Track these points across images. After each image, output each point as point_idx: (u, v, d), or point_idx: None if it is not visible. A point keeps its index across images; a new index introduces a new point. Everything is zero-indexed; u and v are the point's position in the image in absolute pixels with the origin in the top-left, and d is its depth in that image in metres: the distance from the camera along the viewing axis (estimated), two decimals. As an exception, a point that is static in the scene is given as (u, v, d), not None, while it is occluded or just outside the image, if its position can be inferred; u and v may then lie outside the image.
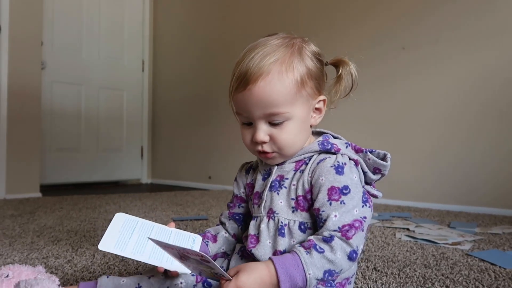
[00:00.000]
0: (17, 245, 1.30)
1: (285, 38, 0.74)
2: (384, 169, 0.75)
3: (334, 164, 0.71)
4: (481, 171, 2.19)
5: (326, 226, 0.68)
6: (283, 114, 0.70)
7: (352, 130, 2.58)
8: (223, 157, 3.40)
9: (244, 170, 0.87)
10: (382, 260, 1.15)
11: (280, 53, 0.70)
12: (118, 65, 3.83)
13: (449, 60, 2.30)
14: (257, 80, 0.68)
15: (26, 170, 2.73)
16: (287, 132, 0.72)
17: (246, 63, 0.70)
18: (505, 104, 2.12)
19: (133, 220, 0.78)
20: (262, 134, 0.72)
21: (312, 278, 0.64)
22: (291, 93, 0.70)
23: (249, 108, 0.71)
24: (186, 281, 0.76)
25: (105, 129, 3.72)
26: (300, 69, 0.71)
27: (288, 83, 0.70)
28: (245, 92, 0.70)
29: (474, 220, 1.87)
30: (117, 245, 0.73)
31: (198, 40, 3.72)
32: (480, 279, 0.98)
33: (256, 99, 0.69)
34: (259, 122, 0.72)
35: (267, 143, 0.73)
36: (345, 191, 0.69)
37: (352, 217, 0.68)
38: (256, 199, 0.79)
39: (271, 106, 0.69)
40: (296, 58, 0.71)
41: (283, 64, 0.70)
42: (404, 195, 2.42)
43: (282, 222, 0.73)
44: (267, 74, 0.69)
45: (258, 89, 0.69)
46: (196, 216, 1.91)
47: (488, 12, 2.18)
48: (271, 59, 0.69)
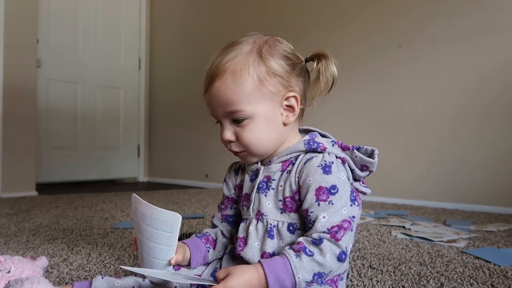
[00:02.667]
0: (13, 244, 1.29)
1: (249, 38, 0.76)
2: (372, 166, 0.74)
3: (321, 163, 0.71)
4: (477, 169, 2.20)
5: (315, 228, 0.67)
6: (242, 112, 0.71)
7: (348, 128, 2.59)
8: (220, 155, 3.40)
9: (233, 171, 0.87)
10: (377, 258, 1.15)
11: (238, 52, 0.73)
12: (114, 63, 3.82)
13: (445, 58, 2.31)
14: (214, 80, 0.72)
15: (22, 169, 2.72)
16: (250, 131, 0.73)
17: (208, 66, 0.74)
18: (501, 103, 2.13)
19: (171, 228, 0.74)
20: (228, 134, 0.74)
21: (302, 281, 0.64)
22: (247, 91, 0.71)
23: (212, 107, 0.75)
24: (180, 285, 0.76)
25: (101, 127, 3.71)
26: (256, 67, 0.72)
27: (242, 82, 0.71)
28: (207, 93, 0.74)
29: (470, 218, 1.88)
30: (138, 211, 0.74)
31: (194, 38, 3.72)
32: (474, 276, 0.99)
33: (214, 99, 0.73)
34: (225, 122, 0.74)
35: (234, 143, 0.75)
36: (333, 191, 0.69)
37: (341, 217, 0.68)
38: (245, 201, 0.79)
39: (228, 104, 0.72)
40: (252, 57, 0.72)
41: (238, 63, 0.72)
42: (400, 193, 2.42)
43: (271, 224, 0.73)
44: (222, 74, 0.71)
45: (215, 88, 0.72)
46: (192, 215, 1.91)
47: (485, 9, 2.19)
48: (228, 58, 0.72)
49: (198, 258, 0.80)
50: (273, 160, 0.77)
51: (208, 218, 1.83)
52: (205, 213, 1.98)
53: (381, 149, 0.78)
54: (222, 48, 0.76)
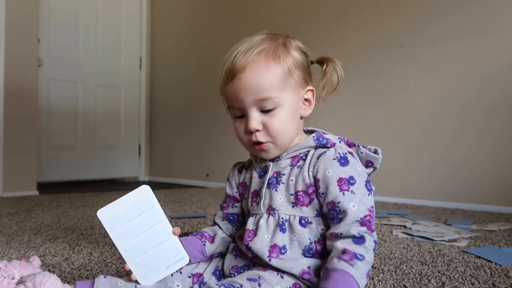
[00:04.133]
0: (14, 243, 1.29)
1: (269, 34, 0.77)
2: (376, 162, 0.77)
3: (336, 156, 0.73)
4: (478, 169, 2.20)
5: (349, 218, 0.68)
6: (273, 99, 0.72)
7: (349, 127, 2.59)
8: (221, 154, 3.40)
9: (236, 170, 0.88)
10: (379, 257, 1.15)
11: (265, 45, 0.73)
12: (115, 63, 3.82)
13: (447, 57, 2.31)
14: (244, 68, 0.71)
15: (23, 168, 2.72)
16: (278, 119, 0.73)
17: (233, 57, 0.73)
18: (504, 102, 2.13)
19: (150, 203, 0.75)
20: (255, 123, 0.73)
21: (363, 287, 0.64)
22: (279, 79, 0.72)
23: (239, 96, 0.72)
24: (182, 284, 0.76)
25: (102, 126, 3.71)
26: (285, 58, 0.74)
27: (274, 70, 0.72)
28: (234, 81, 0.72)
29: (471, 217, 1.88)
30: (112, 221, 0.72)
31: (195, 38, 3.72)
32: (476, 275, 0.99)
33: (245, 86, 0.71)
34: (251, 111, 0.73)
35: (260, 132, 0.74)
36: (352, 181, 0.71)
37: (365, 206, 0.70)
38: (254, 197, 0.79)
39: (261, 91, 0.71)
40: (281, 48, 0.74)
41: (268, 53, 0.72)
42: (401, 193, 2.42)
43: (282, 218, 0.74)
44: (253, 62, 0.71)
45: (246, 75, 0.71)
46: (193, 214, 1.91)
47: (488, 7, 2.18)
48: (256, 50, 0.72)
49: (193, 251, 0.80)
50: (283, 156, 0.77)
51: (209, 217, 1.83)
52: (206, 212, 1.98)
53: (382, 148, 0.79)
54: (239, 43, 0.75)
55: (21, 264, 0.78)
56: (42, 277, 0.60)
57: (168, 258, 0.76)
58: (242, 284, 0.65)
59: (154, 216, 0.75)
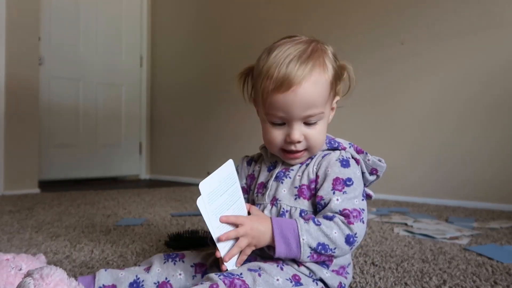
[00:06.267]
0: (16, 241, 1.30)
1: (309, 42, 0.76)
2: (381, 170, 0.80)
3: (339, 158, 0.77)
4: (479, 167, 2.19)
5: (329, 207, 0.72)
6: (319, 115, 0.74)
7: (350, 126, 2.58)
8: (222, 152, 3.40)
9: (245, 162, 0.90)
10: (380, 255, 1.15)
11: (315, 56, 0.73)
12: (116, 61, 3.82)
13: (448, 55, 2.30)
14: (301, 82, 0.71)
15: (24, 166, 2.72)
16: (318, 131, 0.76)
17: (286, 64, 0.71)
18: (505, 100, 2.12)
19: (234, 178, 0.75)
20: (298, 134, 0.75)
21: (305, 245, 0.68)
22: (327, 94, 0.75)
23: (290, 108, 0.72)
24: (185, 273, 0.77)
25: (103, 124, 3.72)
26: (331, 71, 0.75)
27: (326, 85, 0.74)
28: (288, 93, 0.71)
29: (472, 215, 1.88)
30: (210, 194, 0.69)
31: (196, 35, 3.71)
32: (477, 273, 0.98)
33: (300, 100, 0.72)
34: (296, 123, 0.74)
35: (301, 142, 0.76)
36: (349, 183, 0.74)
37: (353, 205, 0.72)
38: (260, 189, 0.82)
39: (313, 106, 0.73)
40: (327, 60, 0.75)
41: (320, 67, 0.73)
42: (403, 191, 2.42)
43: (284, 208, 0.77)
44: (310, 76, 0.71)
45: (303, 90, 0.71)
46: (194, 212, 1.91)
47: (489, 6, 2.17)
48: (310, 62, 0.72)
49: None
50: None
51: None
52: (207, 210, 1.97)
53: (383, 146, 0.81)
54: (282, 47, 0.73)
55: (28, 257, 0.79)
56: (49, 270, 0.61)
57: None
58: (242, 273, 0.66)
59: (236, 192, 0.76)
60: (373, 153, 0.82)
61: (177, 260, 0.78)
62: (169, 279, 0.75)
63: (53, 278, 0.60)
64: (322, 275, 0.73)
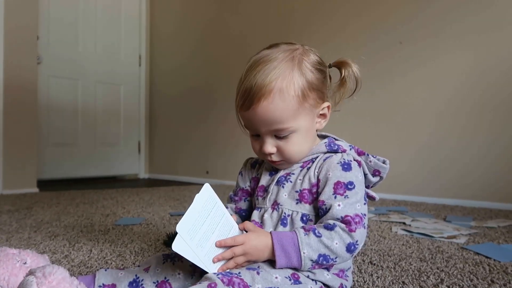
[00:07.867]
0: (14, 241, 1.30)
1: (286, 52, 0.74)
2: (384, 172, 0.78)
3: (340, 161, 0.75)
4: (477, 165, 2.20)
5: (330, 214, 0.71)
6: (287, 129, 0.73)
7: (349, 125, 2.58)
8: (221, 152, 3.40)
9: (250, 164, 0.90)
10: (378, 254, 1.15)
11: (281, 70, 0.71)
12: (115, 60, 3.82)
13: (446, 54, 2.30)
14: (260, 100, 0.70)
15: (23, 165, 2.72)
16: (293, 144, 0.75)
17: (249, 81, 0.71)
18: (501, 99, 2.13)
19: (213, 200, 0.73)
20: (269, 147, 0.75)
21: (306, 258, 0.68)
22: (294, 109, 0.72)
23: (255, 125, 0.74)
24: (183, 272, 0.77)
25: (102, 123, 3.71)
26: (300, 83, 0.72)
27: (289, 100, 0.71)
28: (249, 111, 0.72)
29: (470, 214, 1.89)
30: (190, 231, 0.67)
31: (195, 35, 3.71)
32: (475, 272, 0.99)
33: (260, 118, 0.72)
34: (266, 137, 0.75)
35: (274, 154, 0.76)
36: (350, 187, 0.73)
37: (355, 210, 0.71)
38: (261, 192, 0.82)
39: (275, 123, 0.72)
40: (296, 73, 0.72)
41: (283, 81, 0.71)
42: (401, 189, 2.43)
43: (285, 213, 0.77)
44: (269, 93, 0.70)
45: (262, 109, 0.71)
46: (193, 211, 1.91)
47: (487, 6, 2.18)
48: (272, 77, 0.70)
49: None
50: None
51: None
52: (206, 209, 1.98)
53: (381, 145, 0.81)
54: (256, 63, 0.73)
55: (33, 253, 0.80)
56: (51, 268, 0.62)
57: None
58: (241, 272, 0.67)
59: (218, 212, 0.73)
60: (372, 152, 0.81)
61: (176, 260, 0.78)
62: (168, 278, 0.75)
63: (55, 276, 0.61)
64: (323, 277, 0.73)
